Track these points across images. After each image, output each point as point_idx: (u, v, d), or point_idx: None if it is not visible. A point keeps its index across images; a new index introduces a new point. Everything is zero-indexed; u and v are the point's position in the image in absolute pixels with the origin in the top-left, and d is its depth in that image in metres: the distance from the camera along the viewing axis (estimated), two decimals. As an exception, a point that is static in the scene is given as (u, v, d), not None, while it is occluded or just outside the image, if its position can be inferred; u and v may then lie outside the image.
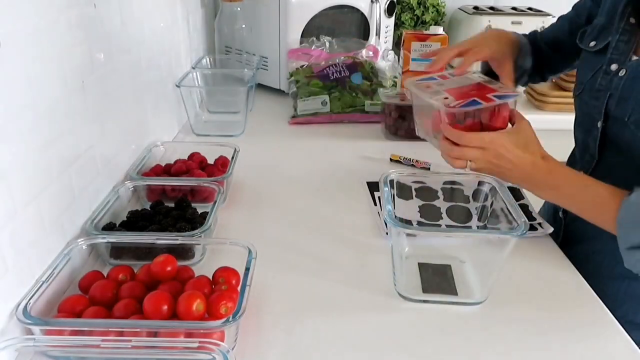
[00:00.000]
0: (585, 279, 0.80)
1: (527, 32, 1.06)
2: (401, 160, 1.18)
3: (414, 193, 0.98)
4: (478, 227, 0.88)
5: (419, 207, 0.95)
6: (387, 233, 0.89)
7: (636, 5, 0.79)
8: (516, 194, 0.98)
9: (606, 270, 0.84)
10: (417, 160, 1.17)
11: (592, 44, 0.86)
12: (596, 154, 0.86)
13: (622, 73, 0.79)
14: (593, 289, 0.78)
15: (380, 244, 0.87)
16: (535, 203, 0.96)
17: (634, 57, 0.79)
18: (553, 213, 1.00)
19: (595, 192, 0.73)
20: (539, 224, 0.91)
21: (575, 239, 0.92)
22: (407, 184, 0.98)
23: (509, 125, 0.79)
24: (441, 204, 0.96)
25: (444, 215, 0.93)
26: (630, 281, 0.82)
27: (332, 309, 0.72)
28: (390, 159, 1.18)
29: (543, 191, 0.78)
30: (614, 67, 0.81)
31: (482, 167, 0.76)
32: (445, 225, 0.91)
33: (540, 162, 0.75)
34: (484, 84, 0.83)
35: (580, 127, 0.91)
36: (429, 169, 1.15)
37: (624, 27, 0.81)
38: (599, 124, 0.83)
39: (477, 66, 1.03)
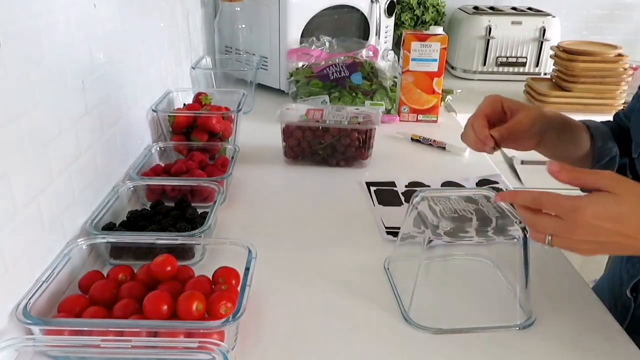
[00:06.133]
0: None
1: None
2: (421, 140, 1.27)
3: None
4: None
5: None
6: (386, 233, 0.89)
7: None
8: None
9: None
10: (434, 140, 1.26)
11: None
12: None
13: None
14: None
15: (380, 243, 0.87)
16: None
17: None
18: (619, 289, 0.81)
19: None
20: None
21: None
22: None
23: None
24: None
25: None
26: None
27: (332, 309, 0.72)
28: (412, 139, 1.28)
29: None
30: None
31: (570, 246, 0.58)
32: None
33: None
34: None
35: None
36: (444, 148, 1.23)
37: None
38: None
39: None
